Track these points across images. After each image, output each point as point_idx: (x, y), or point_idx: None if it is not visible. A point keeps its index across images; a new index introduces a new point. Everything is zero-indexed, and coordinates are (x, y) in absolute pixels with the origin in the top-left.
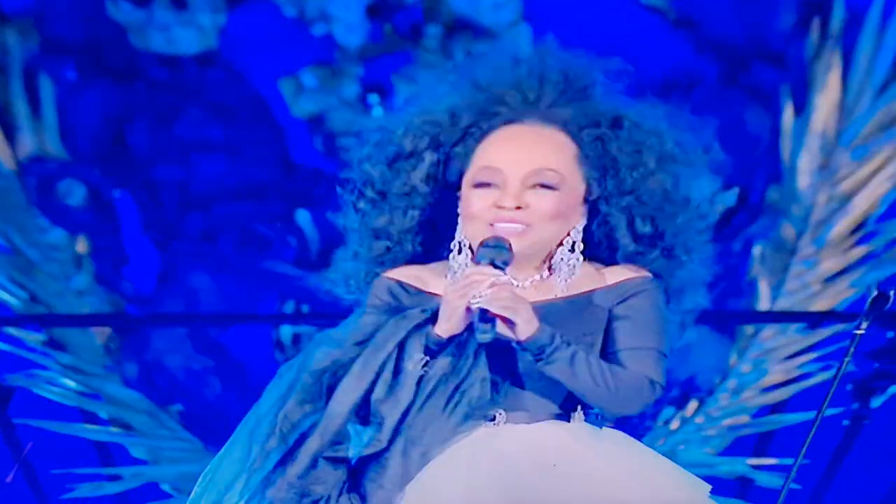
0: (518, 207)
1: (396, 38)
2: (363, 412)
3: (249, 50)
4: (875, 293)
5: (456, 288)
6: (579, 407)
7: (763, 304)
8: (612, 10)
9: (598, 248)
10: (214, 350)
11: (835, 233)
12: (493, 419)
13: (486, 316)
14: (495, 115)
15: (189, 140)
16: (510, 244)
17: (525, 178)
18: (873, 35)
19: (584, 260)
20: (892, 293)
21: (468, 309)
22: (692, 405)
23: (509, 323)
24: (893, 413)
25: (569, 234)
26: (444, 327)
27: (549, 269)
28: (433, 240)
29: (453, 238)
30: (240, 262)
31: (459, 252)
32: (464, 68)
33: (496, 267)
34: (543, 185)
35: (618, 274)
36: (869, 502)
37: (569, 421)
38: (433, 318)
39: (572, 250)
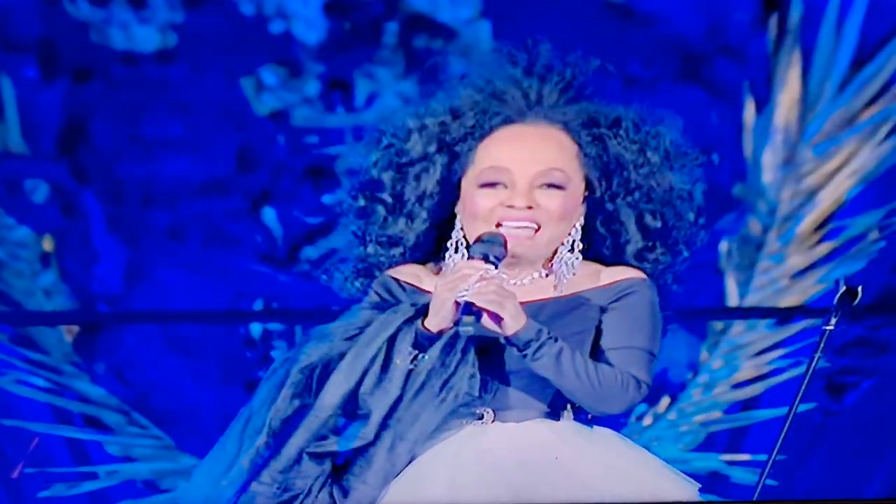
0: (529, 207)
1: (356, 36)
2: (350, 407)
3: (208, 48)
4: (843, 289)
5: (445, 281)
6: (569, 406)
7: (731, 300)
8: (571, 6)
9: (601, 247)
10: (184, 347)
11: (801, 229)
12: (481, 417)
13: (470, 309)
14: (496, 114)
15: (153, 137)
16: (505, 240)
17: (534, 178)
18: (832, 32)
19: (583, 259)
20: (860, 289)
21: (457, 303)
22: (664, 401)
23: (495, 317)
24: (866, 408)
25: (569, 234)
26: (434, 321)
27: (550, 268)
28: (434, 238)
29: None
30: (208, 260)
31: (456, 251)
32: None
33: (489, 262)
34: (551, 185)
35: (613, 274)
36: (843, 497)
37: (558, 420)
38: (424, 313)
39: (571, 249)
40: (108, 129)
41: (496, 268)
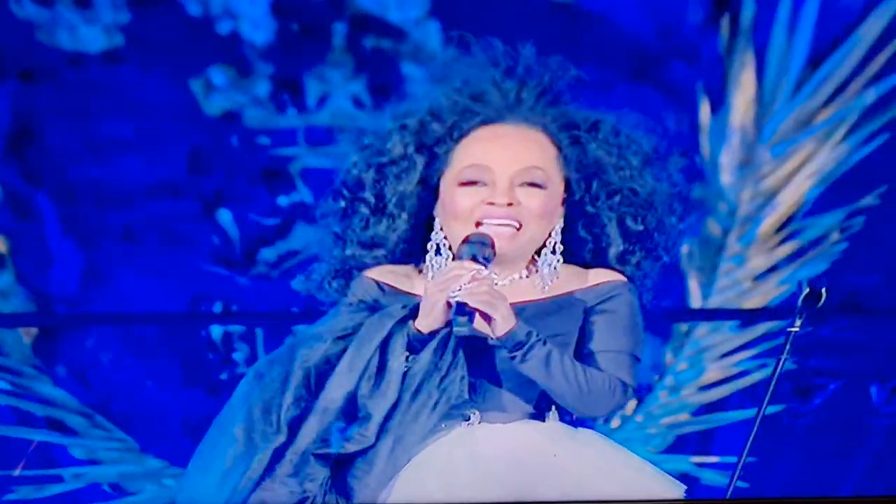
0: (510, 204)
1: (304, 36)
2: (349, 409)
3: (156, 48)
4: (807, 291)
5: (437, 282)
6: (553, 407)
7: (695, 301)
8: (520, 6)
9: (582, 250)
10: (145, 350)
11: (761, 230)
12: (468, 419)
13: (463, 310)
14: (475, 114)
15: (104, 139)
16: (493, 241)
17: (514, 176)
18: (784, 32)
19: (563, 261)
20: (823, 291)
21: (448, 303)
22: (631, 403)
23: (487, 318)
24: (834, 410)
25: (550, 235)
26: (425, 322)
27: (530, 269)
28: (412, 240)
29: (429, 238)
30: (164, 262)
31: (437, 252)
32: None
33: (478, 262)
34: (532, 184)
35: (596, 276)
36: (812, 496)
37: (543, 421)
38: (414, 314)
39: (553, 251)
40: (57, 131)
41: (486, 269)
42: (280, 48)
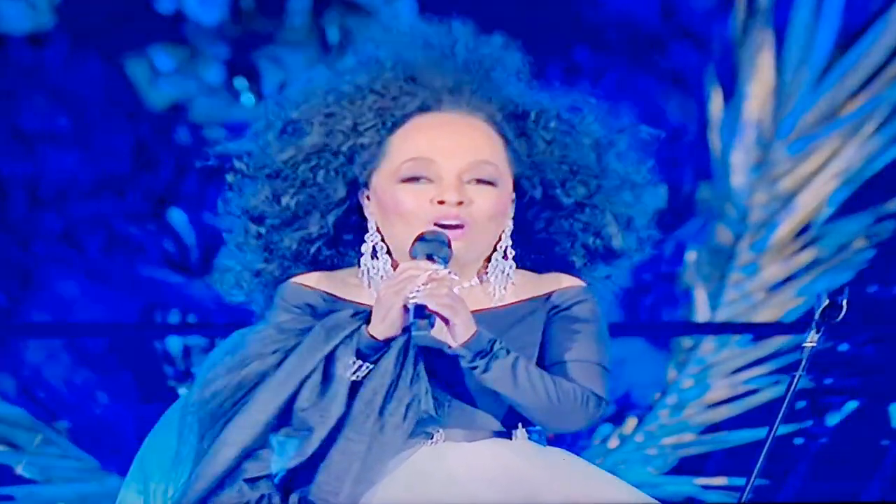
0: (460, 203)
1: (258, 14)
2: (280, 423)
3: (88, 29)
4: (825, 303)
5: (390, 284)
6: (520, 424)
7: (701, 314)
8: None
9: (550, 251)
10: (96, 362)
11: (777, 237)
12: (432, 437)
13: (423, 313)
14: (409, 99)
15: (33, 131)
16: (449, 240)
17: (462, 171)
18: (809, 10)
19: (527, 266)
20: (843, 303)
21: (405, 307)
22: (630, 422)
23: (446, 323)
24: (851, 430)
25: (500, 239)
26: (380, 329)
27: (481, 276)
28: (331, 244)
29: (352, 242)
30: (110, 268)
31: (374, 256)
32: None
33: (434, 262)
34: (481, 181)
35: (554, 282)
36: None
37: (511, 439)
38: (366, 319)
39: (504, 256)
40: None
41: (445, 268)
42: (232, 28)
